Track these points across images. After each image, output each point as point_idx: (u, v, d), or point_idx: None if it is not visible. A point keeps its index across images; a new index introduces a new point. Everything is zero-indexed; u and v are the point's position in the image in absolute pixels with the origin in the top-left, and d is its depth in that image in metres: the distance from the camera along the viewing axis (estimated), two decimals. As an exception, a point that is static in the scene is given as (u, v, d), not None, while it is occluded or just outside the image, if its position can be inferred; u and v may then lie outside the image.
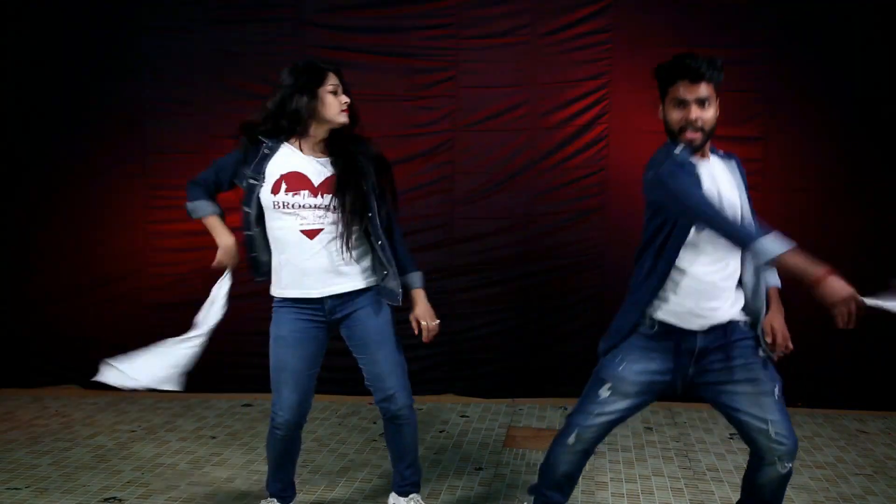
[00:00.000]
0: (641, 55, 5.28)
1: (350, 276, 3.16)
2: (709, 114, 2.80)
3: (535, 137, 5.37)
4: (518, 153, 5.39)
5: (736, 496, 3.76)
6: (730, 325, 2.86)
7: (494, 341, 5.49)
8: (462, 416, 5.07)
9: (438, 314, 5.40)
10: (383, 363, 3.19)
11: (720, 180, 2.87)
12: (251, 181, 3.15)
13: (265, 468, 4.07)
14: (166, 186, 5.53)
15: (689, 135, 2.81)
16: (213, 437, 4.59)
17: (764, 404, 2.84)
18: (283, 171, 3.13)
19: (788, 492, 3.82)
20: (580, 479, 3.99)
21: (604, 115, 5.32)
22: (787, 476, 2.95)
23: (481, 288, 5.46)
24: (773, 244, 2.66)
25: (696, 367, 2.86)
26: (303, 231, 3.11)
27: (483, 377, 5.50)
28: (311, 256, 3.11)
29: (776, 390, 2.88)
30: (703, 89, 2.79)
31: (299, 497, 3.68)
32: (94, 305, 5.58)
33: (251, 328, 5.47)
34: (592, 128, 5.33)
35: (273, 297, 3.27)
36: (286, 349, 3.19)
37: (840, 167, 5.28)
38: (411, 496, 3.41)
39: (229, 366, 5.51)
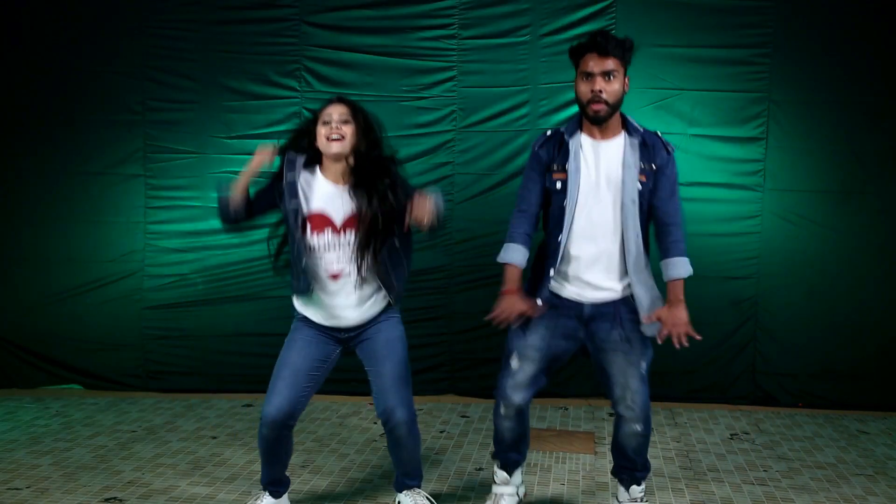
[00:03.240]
0: (641, 55, 5.26)
1: (368, 308, 3.25)
2: (613, 86, 3.01)
3: (535, 138, 5.35)
4: (518, 153, 5.39)
5: (738, 497, 3.77)
6: (619, 301, 3.15)
7: (494, 341, 5.46)
8: (462, 416, 5.07)
9: (438, 314, 5.43)
10: (386, 377, 3.24)
11: (605, 159, 3.09)
12: (292, 208, 3.24)
13: (266, 468, 4.08)
14: (166, 186, 5.53)
15: (595, 106, 3.03)
16: (214, 438, 4.59)
17: (629, 373, 3.12)
18: (311, 210, 3.22)
19: (790, 492, 3.83)
20: (581, 479, 4.01)
21: (604, 115, 5.31)
22: (642, 436, 3.21)
23: (481, 288, 5.45)
24: (506, 254, 3.24)
25: (586, 331, 3.18)
26: (329, 274, 3.20)
27: (483, 377, 5.50)
28: (333, 296, 3.21)
29: (642, 364, 3.14)
30: (609, 63, 2.99)
31: (300, 497, 3.68)
32: (94, 306, 5.58)
33: (252, 329, 5.50)
34: (593, 128, 5.32)
35: (296, 308, 3.35)
36: (294, 350, 3.28)
37: (840, 167, 5.28)
38: (405, 492, 3.47)
39: (230, 366, 5.52)
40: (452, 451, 4.41)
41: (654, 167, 3.09)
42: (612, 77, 3.00)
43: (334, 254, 3.20)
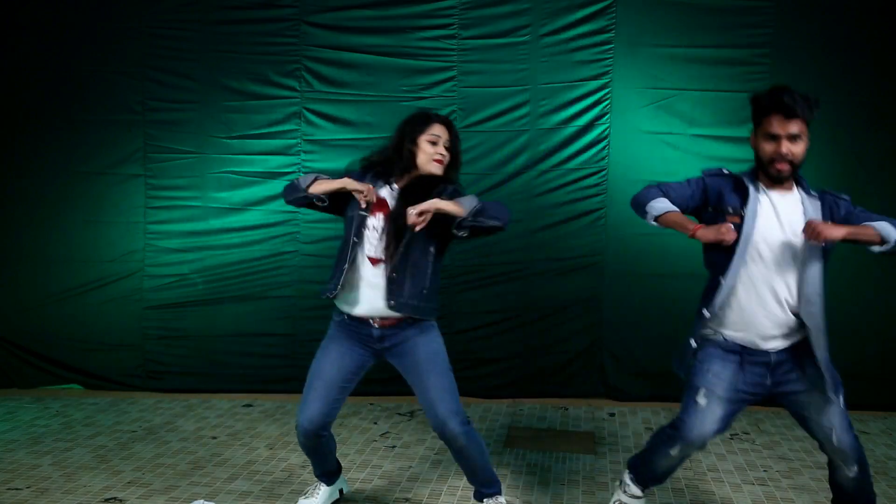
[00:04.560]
0: (641, 55, 5.29)
1: (400, 307, 3.20)
2: (798, 148, 2.98)
3: (535, 138, 5.37)
4: (518, 153, 5.39)
5: (737, 496, 3.77)
6: (801, 343, 3.08)
7: (494, 341, 5.49)
8: (462, 417, 5.07)
9: (438, 314, 5.37)
10: (433, 390, 3.24)
11: (784, 211, 3.03)
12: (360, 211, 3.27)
13: (265, 468, 4.08)
14: (166, 186, 5.53)
15: (778, 166, 3.00)
16: (214, 438, 4.59)
17: (829, 412, 3.01)
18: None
19: (790, 493, 3.83)
20: (581, 479, 4.01)
21: (604, 115, 5.32)
22: (861, 478, 3.10)
23: (481, 288, 5.46)
24: (660, 204, 3.03)
25: (773, 378, 3.07)
26: (369, 257, 3.22)
27: (483, 377, 5.50)
28: (369, 281, 3.21)
29: (840, 399, 3.03)
30: (795, 126, 2.95)
31: (301, 498, 3.69)
32: (94, 305, 5.59)
33: (252, 330, 5.50)
34: (593, 128, 5.33)
35: (336, 308, 3.36)
36: (328, 361, 3.29)
37: (840, 167, 5.28)
38: (485, 500, 3.44)
39: (230, 366, 5.52)
40: (452, 451, 4.41)
41: (833, 220, 3.04)
42: (797, 140, 2.96)
43: (377, 236, 3.21)
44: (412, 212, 3.04)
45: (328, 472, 3.59)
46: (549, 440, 4.60)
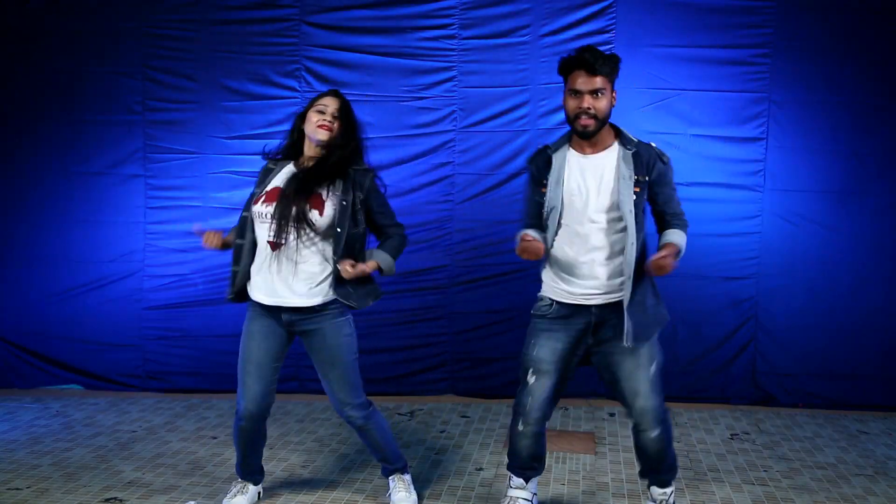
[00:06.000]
0: (641, 55, 5.29)
1: (300, 293, 3.27)
2: (601, 103, 3.08)
3: (535, 138, 5.37)
4: (518, 153, 5.39)
5: (738, 497, 3.77)
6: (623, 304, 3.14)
7: (494, 341, 5.49)
8: (462, 417, 5.07)
9: (438, 314, 5.45)
10: (333, 382, 3.38)
11: (593, 171, 3.13)
12: (255, 191, 3.39)
13: (265, 468, 4.08)
14: (166, 186, 5.53)
15: (583, 121, 3.09)
16: (214, 438, 4.59)
17: (638, 378, 3.11)
18: (273, 185, 3.32)
19: (790, 493, 3.83)
20: (581, 479, 4.01)
21: (604, 115, 5.31)
22: (661, 440, 3.19)
23: (481, 288, 5.46)
24: (517, 239, 3.19)
25: (594, 338, 3.21)
26: (269, 242, 3.27)
27: (483, 377, 5.51)
28: (269, 267, 3.29)
29: (652, 367, 3.14)
30: (598, 81, 3.06)
31: (300, 497, 3.69)
32: (93, 305, 5.59)
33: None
34: (593, 128, 5.33)
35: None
36: (252, 342, 3.41)
37: (840, 167, 5.29)
38: (392, 476, 3.62)
39: (230, 366, 5.49)
40: (452, 451, 4.41)
41: (647, 178, 3.12)
42: (600, 94, 3.07)
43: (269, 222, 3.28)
44: (346, 268, 3.18)
45: (258, 468, 3.60)
46: (549, 440, 4.59)
